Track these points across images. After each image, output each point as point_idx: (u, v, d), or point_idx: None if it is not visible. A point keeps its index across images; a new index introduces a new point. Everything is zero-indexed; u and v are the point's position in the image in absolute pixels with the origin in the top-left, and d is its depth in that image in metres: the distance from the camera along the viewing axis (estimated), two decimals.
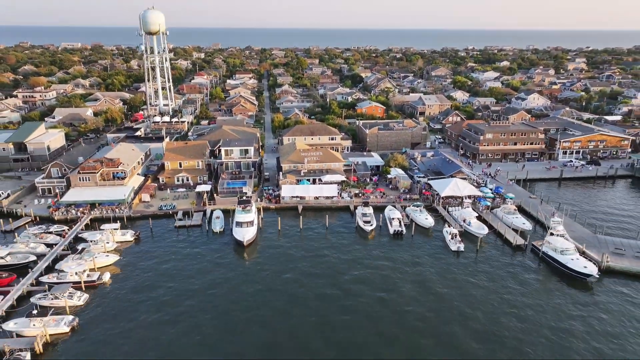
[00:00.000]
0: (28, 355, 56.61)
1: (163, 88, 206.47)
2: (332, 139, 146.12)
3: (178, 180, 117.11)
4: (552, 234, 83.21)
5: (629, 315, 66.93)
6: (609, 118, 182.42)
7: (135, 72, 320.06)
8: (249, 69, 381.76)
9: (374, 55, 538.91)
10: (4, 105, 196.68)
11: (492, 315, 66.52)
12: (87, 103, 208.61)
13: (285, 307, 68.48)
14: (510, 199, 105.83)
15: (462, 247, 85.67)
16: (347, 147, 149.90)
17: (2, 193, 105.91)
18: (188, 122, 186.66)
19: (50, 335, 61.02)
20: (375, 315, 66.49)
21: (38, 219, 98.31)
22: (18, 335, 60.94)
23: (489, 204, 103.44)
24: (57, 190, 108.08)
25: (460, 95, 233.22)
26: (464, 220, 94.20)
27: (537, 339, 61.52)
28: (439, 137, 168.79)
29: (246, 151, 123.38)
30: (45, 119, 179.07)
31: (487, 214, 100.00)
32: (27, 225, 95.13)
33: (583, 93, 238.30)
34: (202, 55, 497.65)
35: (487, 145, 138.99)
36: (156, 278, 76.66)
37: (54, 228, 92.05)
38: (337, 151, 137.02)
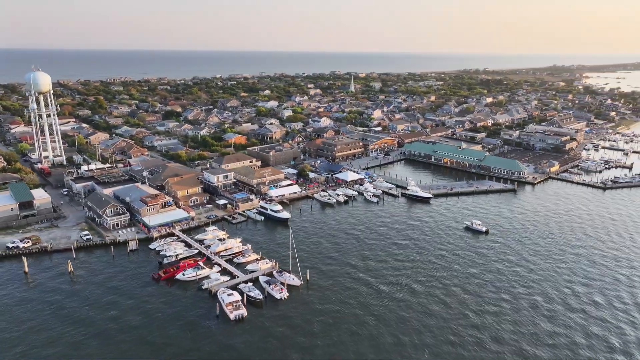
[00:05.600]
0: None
1: (52, 141, 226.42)
2: (250, 162, 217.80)
3: (192, 202, 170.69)
4: (409, 187, 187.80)
5: (404, 209, 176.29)
6: (376, 128, 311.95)
7: None
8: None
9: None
10: None
11: (392, 225, 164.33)
12: None
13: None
14: (378, 176, 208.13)
15: (374, 199, 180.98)
16: (259, 165, 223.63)
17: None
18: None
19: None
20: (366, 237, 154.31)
21: (138, 240, 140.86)
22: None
23: (370, 180, 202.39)
24: (125, 222, 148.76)
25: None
26: (366, 190, 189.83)
27: (403, 227, 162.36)
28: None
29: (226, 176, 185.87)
30: None
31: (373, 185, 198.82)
32: (135, 243, 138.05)
33: (346, 114, 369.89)
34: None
35: (340, 152, 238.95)
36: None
37: (173, 239, 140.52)
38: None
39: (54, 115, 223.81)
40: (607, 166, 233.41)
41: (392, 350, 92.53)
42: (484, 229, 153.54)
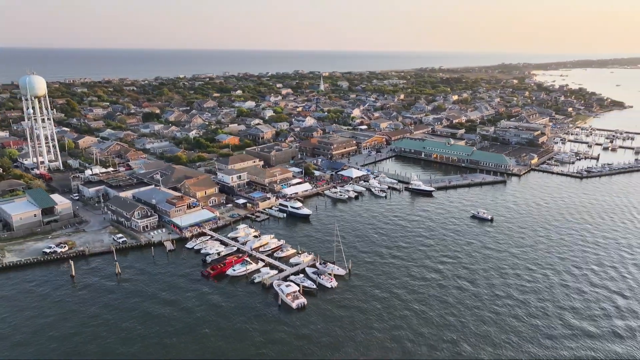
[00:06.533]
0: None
1: (47, 145, 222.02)
2: (254, 162, 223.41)
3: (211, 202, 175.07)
4: (412, 181, 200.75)
5: (437, 207, 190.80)
6: (361, 127, 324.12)
7: None
8: None
9: None
10: None
11: (399, 212, 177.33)
12: None
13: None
14: (380, 172, 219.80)
15: (383, 194, 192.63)
16: (261, 165, 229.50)
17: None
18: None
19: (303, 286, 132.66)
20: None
21: (174, 241, 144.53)
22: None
23: (372, 176, 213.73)
24: (153, 223, 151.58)
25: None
26: (373, 185, 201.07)
27: (415, 218, 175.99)
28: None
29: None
30: None
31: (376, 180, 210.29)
32: (172, 243, 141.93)
33: (327, 114, 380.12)
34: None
35: (336, 150, 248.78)
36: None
37: (207, 238, 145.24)
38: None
39: (48, 119, 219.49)
40: (578, 157, 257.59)
41: (440, 325, 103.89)
42: (489, 217, 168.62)
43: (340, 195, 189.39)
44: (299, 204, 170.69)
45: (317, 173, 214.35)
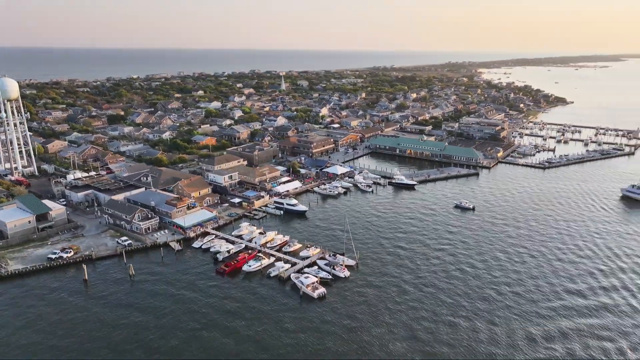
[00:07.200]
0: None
1: (20, 151, 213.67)
2: (239, 161, 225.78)
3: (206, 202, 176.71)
4: (395, 176, 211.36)
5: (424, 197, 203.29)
6: (334, 125, 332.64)
7: None
8: None
9: None
10: None
11: (385, 207, 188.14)
12: None
13: None
14: (363, 169, 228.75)
15: (369, 189, 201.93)
16: (245, 164, 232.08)
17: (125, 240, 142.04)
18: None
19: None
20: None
21: (182, 241, 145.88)
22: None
23: (356, 172, 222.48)
24: (155, 225, 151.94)
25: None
26: (358, 181, 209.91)
27: (404, 210, 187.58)
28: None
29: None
30: None
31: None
32: (180, 243, 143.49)
33: (296, 113, 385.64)
34: None
35: (316, 149, 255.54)
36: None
37: (212, 237, 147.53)
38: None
39: (21, 123, 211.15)
40: (537, 150, 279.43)
41: (451, 300, 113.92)
42: (471, 206, 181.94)
43: (330, 191, 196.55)
44: (294, 201, 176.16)
45: (302, 171, 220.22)
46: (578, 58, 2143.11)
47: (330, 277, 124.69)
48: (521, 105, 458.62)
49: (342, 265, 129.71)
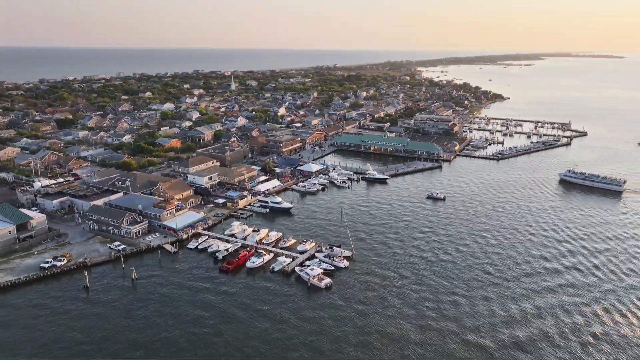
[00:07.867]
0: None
1: None
2: (212, 163, 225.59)
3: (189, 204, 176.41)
4: (368, 171, 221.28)
5: (399, 190, 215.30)
6: (296, 125, 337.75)
7: None
8: None
9: None
10: None
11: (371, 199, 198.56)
12: None
13: None
14: (336, 165, 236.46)
15: (345, 184, 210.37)
16: (218, 165, 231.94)
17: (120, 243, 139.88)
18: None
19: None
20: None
21: (177, 243, 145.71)
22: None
23: (330, 169, 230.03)
24: (144, 229, 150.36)
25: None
26: (333, 177, 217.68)
27: (380, 202, 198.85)
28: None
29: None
30: None
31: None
32: (174, 245, 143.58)
33: (255, 113, 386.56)
34: None
35: (285, 148, 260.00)
36: None
37: (205, 237, 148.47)
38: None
39: None
40: (488, 143, 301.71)
41: (448, 283, 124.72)
42: (442, 196, 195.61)
43: (309, 188, 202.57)
44: (279, 199, 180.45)
45: (278, 170, 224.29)
46: (505, 57, 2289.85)
47: (332, 268, 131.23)
48: (465, 101, 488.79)
49: (340, 256, 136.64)
